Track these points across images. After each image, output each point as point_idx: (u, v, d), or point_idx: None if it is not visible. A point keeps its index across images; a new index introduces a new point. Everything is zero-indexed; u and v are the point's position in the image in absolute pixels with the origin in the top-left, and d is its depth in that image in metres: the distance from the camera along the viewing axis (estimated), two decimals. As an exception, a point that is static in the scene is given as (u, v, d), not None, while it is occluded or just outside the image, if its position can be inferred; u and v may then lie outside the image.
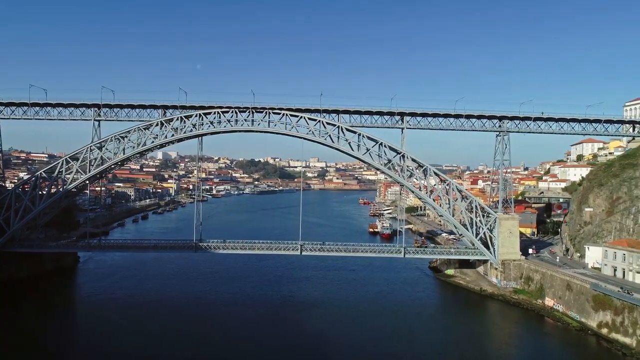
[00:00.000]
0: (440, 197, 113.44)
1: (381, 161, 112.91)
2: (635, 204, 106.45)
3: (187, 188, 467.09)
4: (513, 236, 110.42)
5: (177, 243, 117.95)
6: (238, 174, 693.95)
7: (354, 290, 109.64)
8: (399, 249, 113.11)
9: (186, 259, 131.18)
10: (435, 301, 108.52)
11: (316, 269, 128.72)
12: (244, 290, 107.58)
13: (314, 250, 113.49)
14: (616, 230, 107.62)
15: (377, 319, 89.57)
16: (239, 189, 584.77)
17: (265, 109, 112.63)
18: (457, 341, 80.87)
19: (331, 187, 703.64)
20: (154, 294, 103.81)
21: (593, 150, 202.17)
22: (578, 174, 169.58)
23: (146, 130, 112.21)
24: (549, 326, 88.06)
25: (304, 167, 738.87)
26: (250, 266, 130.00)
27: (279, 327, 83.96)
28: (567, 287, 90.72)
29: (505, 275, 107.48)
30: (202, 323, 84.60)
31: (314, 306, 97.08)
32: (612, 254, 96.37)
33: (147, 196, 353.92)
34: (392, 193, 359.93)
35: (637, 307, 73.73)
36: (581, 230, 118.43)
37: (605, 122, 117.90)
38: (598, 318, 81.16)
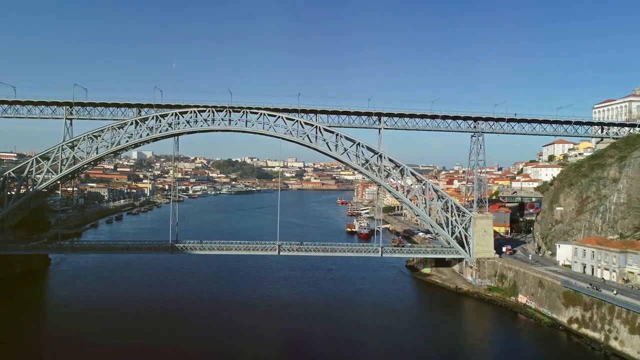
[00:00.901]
0: (416, 196, 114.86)
1: (359, 161, 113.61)
2: (603, 203, 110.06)
3: (162, 188, 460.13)
4: (487, 235, 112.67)
5: (153, 244, 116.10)
6: (215, 174, 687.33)
7: (332, 290, 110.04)
8: (377, 249, 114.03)
9: (162, 260, 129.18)
10: (411, 299, 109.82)
11: (294, 269, 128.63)
12: (222, 291, 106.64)
13: (292, 250, 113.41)
14: (585, 228, 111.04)
15: (355, 318, 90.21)
16: (216, 189, 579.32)
17: (242, 109, 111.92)
18: (433, 338, 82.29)
19: (309, 187, 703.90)
20: (130, 296, 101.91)
21: (564, 151, 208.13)
22: (549, 174, 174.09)
23: (120, 129, 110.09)
24: (522, 322, 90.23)
25: (282, 167, 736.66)
26: (228, 267, 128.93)
27: (257, 327, 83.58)
28: (539, 284, 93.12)
29: (480, 273, 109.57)
30: (179, 324, 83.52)
31: (292, 306, 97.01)
32: (582, 251, 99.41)
33: (122, 196, 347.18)
34: (369, 193, 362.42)
35: (605, 303, 76.23)
36: (552, 228, 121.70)
37: (575, 124, 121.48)
38: (568, 314, 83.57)
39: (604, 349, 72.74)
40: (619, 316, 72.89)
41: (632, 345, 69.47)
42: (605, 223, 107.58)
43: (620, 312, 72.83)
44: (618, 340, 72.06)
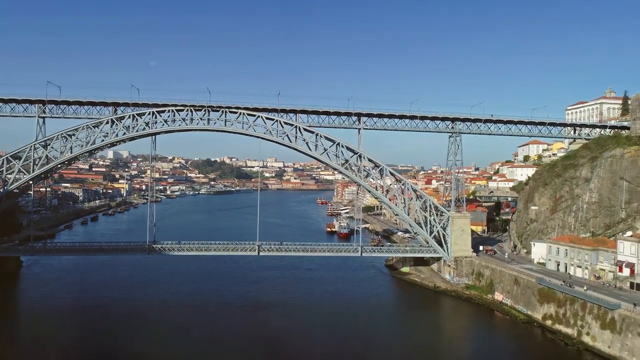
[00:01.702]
0: (396, 196, 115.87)
1: (338, 161, 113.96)
2: (576, 202, 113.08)
3: (139, 188, 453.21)
4: (465, 234, 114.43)
5: (130, 245, 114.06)
6: (193, 174, 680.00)
7: (312, 289, 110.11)
8: (356, 248, 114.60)
9: (140, 261, 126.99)
10: (390, 298, 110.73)
11: (274, 269, 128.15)
12: (201, 292, 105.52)
13: (272, 250, 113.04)
14: (559, 227, 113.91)
15: (334, 317, 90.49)
16: (195, 189, 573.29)
17: (221, 108, 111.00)
18: (411, 335, 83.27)
19: (289, 187, 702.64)
20: (106, 298, 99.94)
21: (538, 152, 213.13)
22: (525, 174, 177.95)
23: (96, 128, 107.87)
24: (498, 319, 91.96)
25: (262, 167, 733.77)
26: (207, 268, 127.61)
27: (237, 328, 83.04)
28: (515, 282, 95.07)
29: (457, 272, 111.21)
30: (157, 326, 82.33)
31: (272, 306, 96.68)
32: (556, 249, 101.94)
33: (97, 197, 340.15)
34: (349, 193, 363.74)
35: (578, 299, 78.33)
36: (527, 227, 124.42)
37: (549, 125, 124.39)
38: (543, 310, 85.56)
39: (577, 344, 74.71)
40: (591, 312, 74.98)
41: (603, 340, 71.56)
42: (578, 222, 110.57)
43: (592, 308, 74.92)
44: (590, 336, 74.12)
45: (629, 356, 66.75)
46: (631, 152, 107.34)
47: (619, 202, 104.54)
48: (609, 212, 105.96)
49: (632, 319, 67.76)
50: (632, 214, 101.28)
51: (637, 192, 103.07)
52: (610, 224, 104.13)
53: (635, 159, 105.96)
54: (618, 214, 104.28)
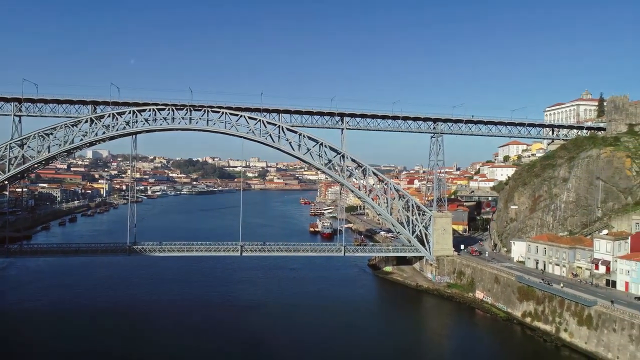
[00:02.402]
0: (378, 196, 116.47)
1: (322, 161, 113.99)
2: (554, 201, 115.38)
3: (120, 189, 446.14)
4: (447, 233, 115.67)
5: (110, 246, 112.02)
6: (175, 174, 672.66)
7: (295, 289, 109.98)
8: (339, 248, 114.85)
9: (120, 263, 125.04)
10: (373, 297, 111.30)
11: (257, 269, 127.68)
12: (183, 293, 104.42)
13: (255, 250, 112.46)
14: (538, 226, 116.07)
15: (317, 316, 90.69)
16: (176, 190, 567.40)
17: (203, 107, 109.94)
18: (394, 333, 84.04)
19: (272, 187, 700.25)
20: (85, 299, 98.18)
21: (518, 152, 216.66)
22: (505, 174, 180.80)
23: (74, 127, 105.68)
24: (479, 317, 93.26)
25: (244, 167, 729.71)
26: (189, 269, 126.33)
27: (220, 328, 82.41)
28: (495, 280, 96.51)
29: (439, 271, 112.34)
30: (138, 328, 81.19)
31: (255, 306, 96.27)
32: (535, 248, 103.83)
33: (76, 197, 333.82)
34: (332, 193, 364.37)
35: (556, 297, 79.95)
36: (507, 226, 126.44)
37: (528, 126, 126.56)
38: (522, 308, 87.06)
39: (555, 341, 76.23)
40: (569, 309, 76.59)
41: (580, 336, 73.18)
42: (556, 220, 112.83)
43: (570, 305, 76.54)
44: (567, 332, 75.72)
45: (605, 351, 68.42)
46: (607, 153, 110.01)
47: (596, 201, 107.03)
48: (586, 211, 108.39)
49: (607, 315, 69.44)
50: (607, 212, 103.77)
51: (612, 191, 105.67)
52: (587, 223, 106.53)
53: (610, 159, 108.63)
54: (594, 213, 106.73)
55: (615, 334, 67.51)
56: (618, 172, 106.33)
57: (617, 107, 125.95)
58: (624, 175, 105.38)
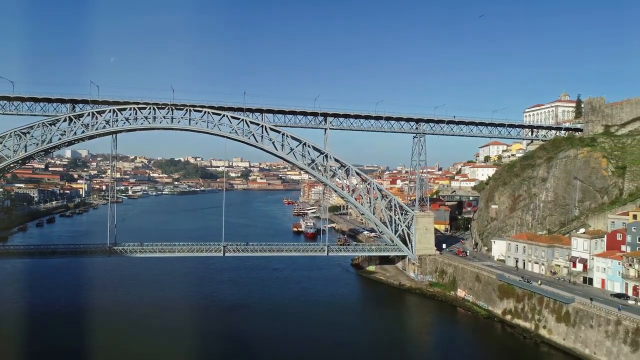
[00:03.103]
0: (361, 196, 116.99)
1: (305, 161, 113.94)
2: (533, 201, 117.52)
3: (99, 189, 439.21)
4: (429, 232, 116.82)
5: (89, 247, 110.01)
6: (156, 174, 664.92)
7: (278, 289, 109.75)
8: (323, 248, 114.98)
9: (100, 264, 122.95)
10: (356, 296, 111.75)
11: (240, 270, 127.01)
12: (164, 294, 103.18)
13: (238, 251, 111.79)
14: (518, 225, 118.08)
15: (301, 316, 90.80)
16: (158, 190, 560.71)
17: (185, 106, 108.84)
18: (376, 331, 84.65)
19: (255, 187, 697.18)
20: (64, 301, 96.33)
21: (498, 152, 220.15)
22: (485, 174, 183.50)
23: (52, 125, 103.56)
24: (461, 315, 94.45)
25: (227, 167, 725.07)
26: (171, 270, 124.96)
27: (202, 328, 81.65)
28: (477, 278, 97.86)
29: (422, 270, 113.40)
30: (119, 329, 79.86)
31: (238, 306, 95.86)
32: (515, 246, 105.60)
33: (54, 198, 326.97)
34: (315, 193, 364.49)
35: (535, 294, 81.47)
36: (488, 225, 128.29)
37: (509, 126, 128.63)
38: (503, 306, 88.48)
39: (534, 338, 77.69)
40: (547, 306, 78.13)
41: (559, 333, 74.74)
42: (535, 220, 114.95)
43: (548, 303, 78.10)
44: (546, 329, 77.24)
45: (582, 347, 70.03)
46: (584, 153, 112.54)
47: (573, 200, 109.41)
48: (564, 211, 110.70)
49: (585, 312, 71.07)
50: (584, 212, 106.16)
51: (589, 191, 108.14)
52: (565, 222, 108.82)
53: (587, 159, 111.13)
54: (572, 212, 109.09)
55: (592, 330, 69.13)
56: (595, 172, 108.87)
57: (594, 108, 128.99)
58: (600, 175, 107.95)
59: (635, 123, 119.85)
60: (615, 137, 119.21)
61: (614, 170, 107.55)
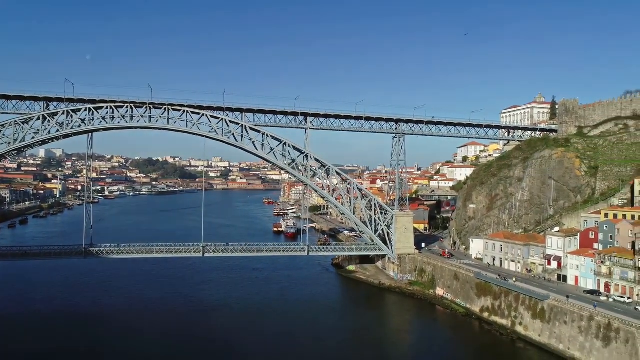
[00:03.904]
0: (342, 196, 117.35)
1: (285, 161, 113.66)
2: (509, 200, 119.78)
3: (75, 189, 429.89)
4: (408, 232, 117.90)
5: (64, 249, 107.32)
6: (134, 174, 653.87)
7: (258, 289, 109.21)
8: (303, 248, 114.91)
9: (76, 266, 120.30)
10: (336, 295, 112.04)
11: (219, 270, 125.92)
12: (142, 295, 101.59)
13: (217, 251, 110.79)
14: (495, 224, 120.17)
15: (281, 315, 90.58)
16: (135, 190, 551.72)
17: (164, 105, 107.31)
18: (356, 329, 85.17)
19: (235, 187, 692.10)
20: (38, 303, 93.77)
21: (476, 152, 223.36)
22: (463, 174, 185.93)
23: (25, 124, 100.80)
24: (439, 313, 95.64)
25: (206, 167, 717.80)
26: (149, 271, 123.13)
27: (181, 330, 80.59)
28: (455, 277, 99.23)
29: (401, 269, 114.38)
30: (95, 331, 78.36)
31: (218, 307, 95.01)
32: (492, 245, 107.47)
33: (27, 198, 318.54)
34: (296, 193, 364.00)
35: (512, 292, 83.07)
36: (466, 224, 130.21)
37: (486, 127, 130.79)
38: (480, 303, 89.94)
39: (511, 334, 79.21)
40: (523, 303, 79.76)
41: (534, 329, 76.38)
42: (512, 219, 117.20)
43: (524, 300, 79.73)
44: (522, 326, 78.84)
45: (557, 343, 71.73)
46: (558, 154, 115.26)
47: (548, 200, 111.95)
48: (539, 210, 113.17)
49: (559, 308, 72.80)
50: (559, 210, 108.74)
51: (563, 190, 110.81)
52: (540, 221, 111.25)
53: (561, 159, 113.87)
54: (547, 211, 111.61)
55: (566, 326, 70.87)
56: (568, 172, 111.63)
57: (568, 110, 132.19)
58: (574, 175, 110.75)
59: (607, 124, 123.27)
60: (588, 138, 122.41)
61: (587, 170, 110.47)
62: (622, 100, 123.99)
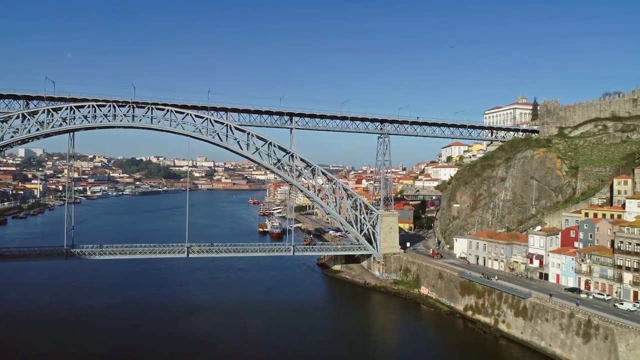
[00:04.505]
0: (327, 195, 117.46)
1: (270, 161, 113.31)
2: (493, 200, 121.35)
3: (56, 189, 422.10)
4: (393, 231, 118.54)
5: (44, 250, 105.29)
6: (117, 174, 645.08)
7: (243, 289, 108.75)
8: (288, 248, 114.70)
9: (57, 267, 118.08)
10: (322, 295, 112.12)
11: (204, 271, 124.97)
12: (125, 297, 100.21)
13: (202, 252, 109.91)
14: (478, 223, 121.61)
15: (266, 315, 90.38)
16: (118, 190, 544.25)
17: (147, 104, 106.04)
18: (341, 329, 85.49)
19: (220, 187, 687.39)
20: (17, 306, 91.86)
21: (460, 153, 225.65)
22: (448, 174, 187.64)
23: (4, 123, 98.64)
24: (424, 312, 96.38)
25: (191, 167, 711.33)
26: (132, 272, 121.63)
27: (165, 330, 79.88)
28: (439, 276, 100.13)
29: (386, 268, 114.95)
30: (76, 332, 77.04)
31: (202, 308, 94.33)
32: (475, 244, 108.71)
33: (6, 198, 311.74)
34: (281, 192, 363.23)
35: (495, 290, 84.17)
36: (450, 224, 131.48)
37: (470, 128, 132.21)
38: (464, 302, 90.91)
39: (494, 332, 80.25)
40: (506, 301, 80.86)
41: (517, 327, 77.49)
42: (495, 218, 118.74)
43: (507, 298, 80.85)
44: (505, 323, 79.92)
45: (538, 340, 72.88)
46: (540, 154, 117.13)
47: (530, 199, 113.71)
48: (522, 209, 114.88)
49: (541, 306, 74.00)
50: (541, 210, 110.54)
51: (545, 190, 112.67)
52: (523, 220, 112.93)
53: (543, 160, 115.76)
54: (529, 210, 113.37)
55: (547, 323, 72.06)
56: (550, 172, 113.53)
57: (549, 111, 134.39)
58: (555, 175, 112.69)
59: (587, 125, 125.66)
60: (569, 139, 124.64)
61: (568, 170, 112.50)
62: (601, 102, 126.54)
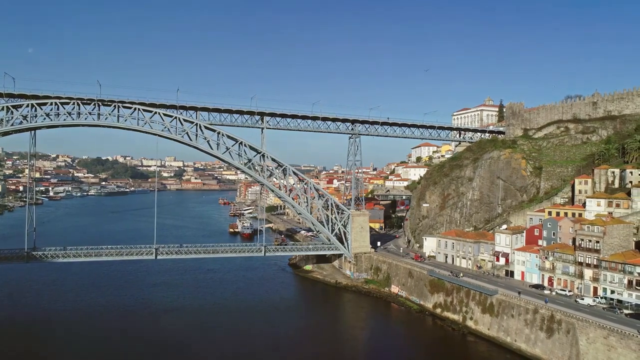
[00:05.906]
0: (299, 195, 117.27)
1: (241, 160, 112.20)
2: (461, 199, 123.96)
3: (16, 190, 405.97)
4: (364, 231, 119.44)
5: (3, 253, 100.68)
6: (81, 174, 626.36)
7: (212, 290, 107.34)
8: (260, 248, 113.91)
9: (17, 271, 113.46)
10: (293, 295, 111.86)
11: (173, 272, 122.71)
12: (91, 299, 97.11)
13: (171, 253, 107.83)
14: (447, 222, 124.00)
15: (235, 315, 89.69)
16: (83, 190, 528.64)
17: (114, 102, 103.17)
18: (311, 327, 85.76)
19: (189, 187, 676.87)
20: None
21: (429, 153, 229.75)
22: (417, 174, 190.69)
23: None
24: (394, 310, 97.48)
25: (159, 167, 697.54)
26: (98, 274, 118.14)
27: (132, 332, 77.98)
28: (409, 274, 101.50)
29: (357, 268, 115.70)
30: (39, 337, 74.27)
31: (170, 309, 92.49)
32: (444, 243, 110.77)
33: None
34: (252, 193, 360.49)
35: (463, 288, 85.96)
36: (420, 223, 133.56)
37: (438, 129, 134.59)
38: (433, 300, 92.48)
39: (462, 329, 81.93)
40: (474, 299, 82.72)
41: (484, 324, 79.38)
42: (463, 217, 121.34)
43: (475, 295, 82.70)
44: (473, 320, 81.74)
45: (505, 336, 74.87)
46: (506, 155, 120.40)
47: (497, 198, 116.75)
48: (488, 208, 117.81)
49: (507, 302, 76.04)
50: (506, 209, 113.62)
51: (510, 189, 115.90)
52: (489, 219, 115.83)
53: (509, 160, 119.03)
54: (495, 209, 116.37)
55: (513, 319, 74.11)
56: (515, 172, 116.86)
57: (514, 112, 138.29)
58: (520, 175, 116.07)
59: (550, 127, 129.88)
60: (533, 140, 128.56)
61: (532, 171, 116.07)
62: (563, 105, 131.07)
